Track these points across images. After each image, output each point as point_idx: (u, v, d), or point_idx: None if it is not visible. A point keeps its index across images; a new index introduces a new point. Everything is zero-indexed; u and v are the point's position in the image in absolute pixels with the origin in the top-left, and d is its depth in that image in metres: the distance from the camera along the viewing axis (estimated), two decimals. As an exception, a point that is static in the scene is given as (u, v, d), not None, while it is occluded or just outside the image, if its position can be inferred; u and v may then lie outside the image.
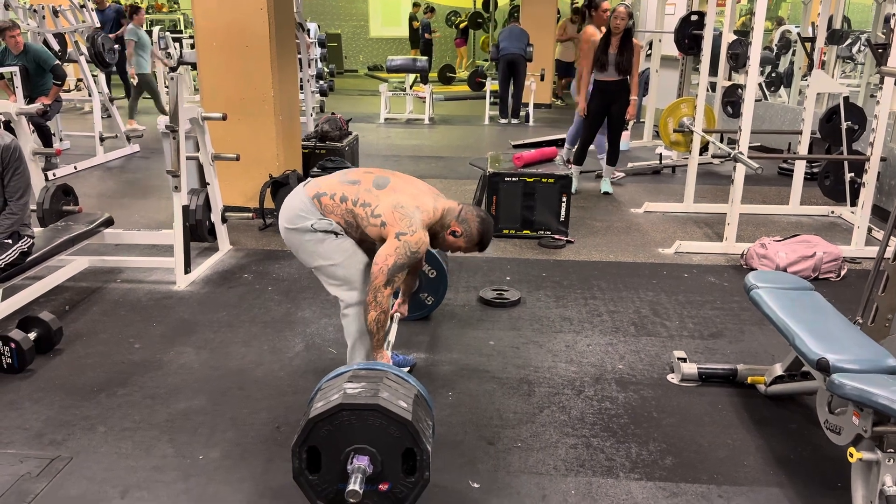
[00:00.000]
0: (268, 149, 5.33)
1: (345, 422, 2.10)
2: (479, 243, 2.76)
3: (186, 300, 3.98)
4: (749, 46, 4.52)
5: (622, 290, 4.19)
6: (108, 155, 7.56)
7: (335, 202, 2.64)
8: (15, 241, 3.25)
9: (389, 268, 2.54)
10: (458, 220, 2.71)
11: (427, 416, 2.24)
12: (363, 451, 2.11)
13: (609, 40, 5.87)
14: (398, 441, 2.10)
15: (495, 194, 5.03)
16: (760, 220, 5.64)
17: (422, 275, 3.54)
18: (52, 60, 6.74)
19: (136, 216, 5.56)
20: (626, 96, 5.96)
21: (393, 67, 10.50)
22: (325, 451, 2.13)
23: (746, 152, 4.57)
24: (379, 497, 2.16)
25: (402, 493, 2.16)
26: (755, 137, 8.15)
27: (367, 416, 2.09)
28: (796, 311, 2.64)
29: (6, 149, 3.17)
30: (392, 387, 2.19)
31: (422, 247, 2.58)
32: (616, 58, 5.84)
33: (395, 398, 2.13)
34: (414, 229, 2.56)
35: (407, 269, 2.64)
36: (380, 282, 2.55)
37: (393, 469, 2.14)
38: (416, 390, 2.26)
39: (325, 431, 2.11)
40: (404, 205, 2.58)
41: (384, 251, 2.56)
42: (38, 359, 3.23)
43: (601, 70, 5.92)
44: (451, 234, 2.72)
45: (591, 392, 3.05)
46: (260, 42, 5.12)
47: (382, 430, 2.10)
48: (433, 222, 2.67)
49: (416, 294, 3.58)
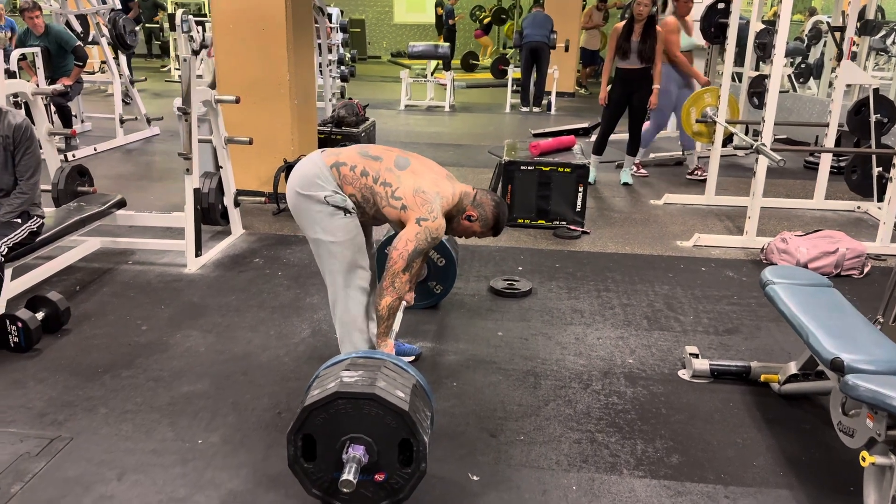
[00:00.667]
0: (283, 133, 5.30)
1: (340, 410, 2.06)
2: (494, 227, 2.72)
3: (196, 283, 3.98)
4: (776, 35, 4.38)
5: (637, 283, 4.11)
6: (127, 137, 7.60)
7: (355, 174, 2.56)
8: (24, 220, 3.26)
9: (410, 253, 2.49)
10: (473, 205, 2.67)
11: (426, 407, 2.20)
12: (359, 440, 2.07)
13: (632, 27, 5.76)
14: (395, 431, 2.06)
15: (510, 183, 4.96)
16: (783, 214, 5.51)
17: (430, 263, 3.49)
18: (74, 41, 6.76)
19: (152, 198, 5.57)
20: (648, 85, 5.86)
21: (414, 53, 10.43)
22: (320, 439, 2.10)
23: (770, 144, 4.45)
24: (375, 487, 2.13)
25: (398, 483, 2.12)
26: (781, 129, 7.97)
27: (363, 405, 2.05)
28: (812, 309, 2.55)
29: (17, 128, 3.17)
30: (390, 376, 2.15)
31: (440, 232, 2.55)
32: (639, 45, 5.73)
33: (392, 388, 2.09)
34: (435, 215, 2.52)
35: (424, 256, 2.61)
36: (399, 267, 2.50)
37: (389, 459, 2.10)
38: (414, 380, 2.21)
39: (321, 420, 2.08)
40: (426, 190, 2.54)
41: (404, 236, 2.51)
42: (46, 338, 3.24)
43: (623, 58, 5.82)
44: (466, 218, 2.67)
45: (599, 386, 2.99)
46: (276, 25, 5.09)
47: (379, 419, 2.06)
48: (450, 208, 2.63)
49: (425, 282, 3.54)
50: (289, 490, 2.29)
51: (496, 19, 15.86)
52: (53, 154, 4.49)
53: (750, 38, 7.00)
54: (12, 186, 3.24)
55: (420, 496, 2.22)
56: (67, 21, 7.50)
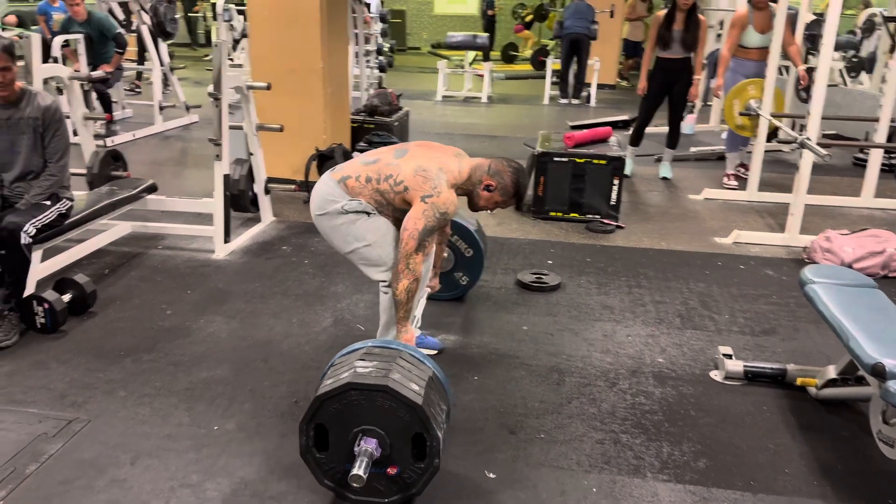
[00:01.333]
0: (315, 121, 5.28)
1: (353, 401, 2.02)
2: (516, 194, 2.65)
3: (223, 269, 3.98)
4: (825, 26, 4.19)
5: (671, 280, 3.98)
6: (166, 124, 7.68)
7: (361, 183, 2.57)
8: (53, 202, 3.27)
9: (420, 231, 2.45)
10: (489, 175, 2.60)
11: (441, 401, 2.13)
12: (371, 432, 2.03)
13: (674, 16, 5.58)
14: (408, 425, 2.01)
15: (543, 175, 4.85)
16: (829, 211, 5.29)
17: (458, 254, 3.42)
18: (115, 29, 6.84)
19: (186, 184, 5.61)
20: (689, 76, 5.70)
21: (452, 44, 10.33)
22: (332, 429, 2.06)
23: (815, 139, 4.27)
24: (387, 481, 2.08)
25: (410, 478, 2.07)
26: (830, 124, 7.68)
27: (375, 396, 2.00)
28: (854, 310, 2.41)
29: (47, 110, 3.18)
30: (405, 367, 2.09)
31: (450, 207, 2.49)
32: (682, 34, 5.55)
33: (406, 380, 2.03)
34: (439, 190, 2.47)
35: (436, 234, 2.55)
36: (410, 248, 2.46)
37: (402, 453, 2.04)
38: (430, 372, 2.15)
39: (333, 410, 2.03)
40: (427, 168, 2.51)
41: (412, 215, 2.47)
42: (72, 320, 3.26)
43: (665, 47, 5.65)
44: (485, 189, 2.61)
45: (626, 385, 2.89)
46: (310, 13, 5.06)
47: (392, 412, 2.00)
48: (460, 182, 2.58)
49: (451, 273, 3.47)
50: (301, 481, 2.25)
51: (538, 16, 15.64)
52: (89, 138, 4.54)
53: (799, 29, 6.76)
54: (42, 168, 3.26)
55: (434, 492, 2.16)
56: (110, 9, 7.59)
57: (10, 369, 2.87)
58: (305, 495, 2.20)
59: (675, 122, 5.95)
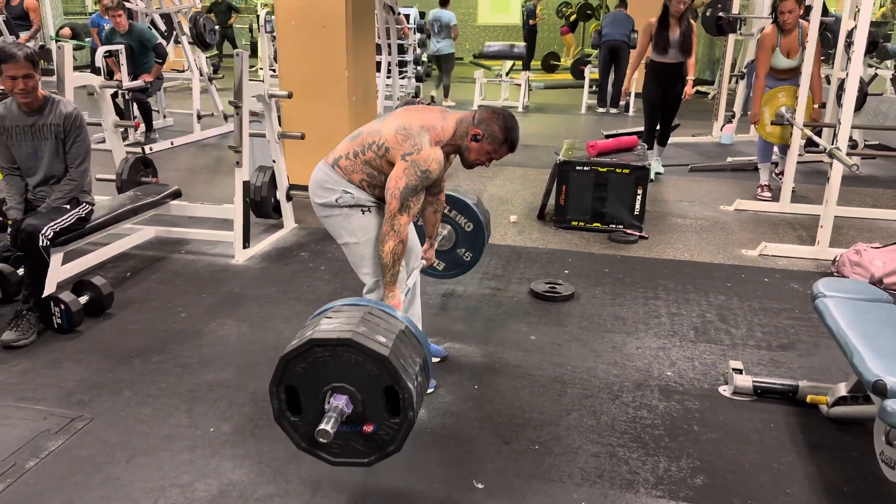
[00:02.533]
0: (340, 129, 5.31)
1: (318, 359, 1.93)
2: (507, 141, 2.50)
3: (241, 274, 4.04)
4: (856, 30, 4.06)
5: (690, 292, 3.88)
6: (204, 132, 7.86)
7: (351, 160, 2.53)
8: (73, 206, 3.38)
9: (401, 191, 2.38)
10: (475, 124, 2.48)
11: (415, 353, 2.02)
12: (341, 389, 1.93)
13: (668, 22, 5.78)
14: (377, 378, 1.91)
15: (565, 184, 4.80)
16: (865, 224, 5.10)
17: (458, 229, 3.28)
18: (155, 39, 7.05)
19: (217, 191, 5.72)
20: (682, 78, 5.90)
21: (490, 53, 10.34)
22: (302, 390, 1.97)
23: (848, 148, 4.13)
24: (364, 440, 1.99)
25: (387, 434, 1.97)
26: (873, 134, 7.43)
27: (340, 352, 1.91)
28: (862, 325, 2.31)
29: (69, 116, 3.29)
30: (372, 322, 1.99)
31: (432, 164, 2.41)
32: (678, 40, 5.76)
33: (372, 332, 1.94)
34: (419, 147, 2.40)
35: (422, 193, 2.48)
36: (394, 208, 2.40)
37: (376, 409, 1.95)
38: (402, 326, 2.05)
39: (301, 370, 1.95)
40: (407, 126, 2.45)
41: (393, 174, 2.41)
42: (88, 321, 3.35)
43: (662, 53, 5.86)
44: (472, 140, 2.49)
45: (629, 398, 2.82)
46: (336, 23, 5.13)
47: (359, 366, 1.91)
48: (446, 138, 2.49)
49: (454, 250, 3.32)
50: (289, 485, 2.27)
51: (582, 15, 15.55)
52: (119, 145, 4.68)
53: (841, 36, 6.56)
54: (63, 173, 3.36)
55: (418, 500, 2.14)
56: (152, 20, 7.83)
57: (24, 367, 2.97)
58: (292, 498, 2.21)
59: (668, 122, 6.18)
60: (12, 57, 3.12)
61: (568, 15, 16.43)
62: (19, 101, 3.25)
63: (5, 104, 3.34)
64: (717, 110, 8.26)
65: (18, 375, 2.90)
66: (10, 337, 3.10)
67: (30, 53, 3.15)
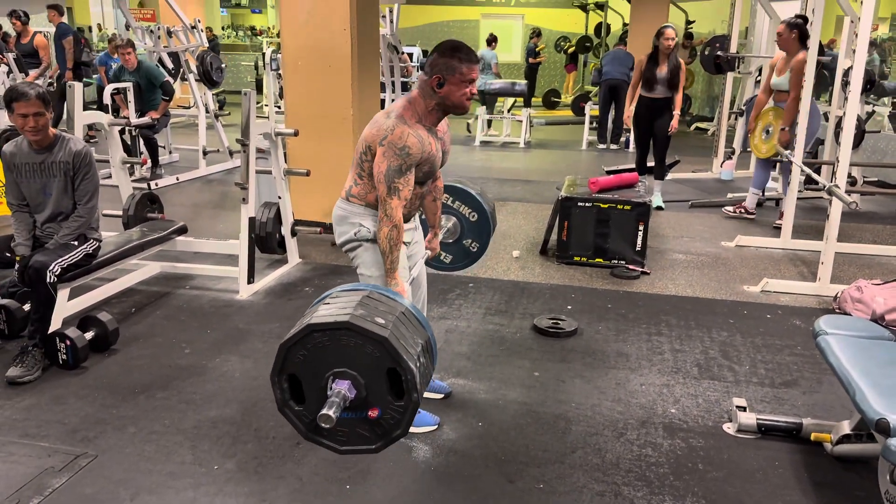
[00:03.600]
0: (345, 166, 5.29)
1: (318, 344, 1.92)
2: (459, 57, 2.41)
3: (245, 309, 4.06)
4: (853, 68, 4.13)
5: (692, 328, 3.89)
6: (210, 168, 7.94)
7: (360, 183, 2.54)
8: (81, 242, 3.41)
9: (384, 174, 2.38)
10: (429, 76, 2.44)
11: (416, 335, 2.01)
12: (343, 374, 1.92)
13: (657, 59, 6.07)
14: (378, 361, 1.89)
15: (567, 220, 4.84)
16: (866, 261, 5.12)
17: (462, 220, 3.28)
18: (162, 77, 7.17)
19: (221, 226, 5.77)
20: (670, 112, 6.14)
21: (492, 90, 10.48)
22: (305, 378, 1.96)
23: (844, 185, 4.17)
24: (370, 425, 1.97)
25: (393, 419, 1.95)
26: (873, 171, 7.50)
27: (339, 336, 1.90)
28: (865, 363, 2.33)
29: (78, 154, 3.35)
30: (370, 304, 1.98)
31: (408, 139, 2.38)
32: (666, 76, 6.03)
33: (371, 315, 1.92)
34: (390, 128, 2.39)
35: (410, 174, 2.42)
36: (382, 192, 2.40)
37: (379, 393, 1.93)
38: (402, 308, 2.04)
39: (301, 357, 1.94)
40: (376, 118, 2.48)
41: (376, 162, 2.41)
42: (94, 357, 3.37)
43: (650, 89, 6.13)
44: (438, 86, 2.43)
45: (634, 436, 2.82)
46: (342, 62, 5.21)
47: (359, 349, 1.89)
48: (421, 110, 2.48)
49: (460, 241, 3.31)
50: (292, 523, 2.26)
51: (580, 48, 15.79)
52: (126, 181, 4.73)
53: (838, 75, 6.66)
54: (71, 210, 3.41)
55: (422, 539, 2.13)
56: (160, 58, 7.97)
57: (29, 403, 2.98)
58: (295, 538, 2.20)
59: (661, 155, 6.38)
60: (24, 95, 3.19)
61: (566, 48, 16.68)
62: (30, 139, 3.31)
63: (16, 142, 3.40)
64: (717, 147, 8.34)
65: (23, 412, 2.91)
66: (16, 373, 3.12)
67: (41, 92, 3.22)
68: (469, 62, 2.43)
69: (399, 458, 2.63)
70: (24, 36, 8.43)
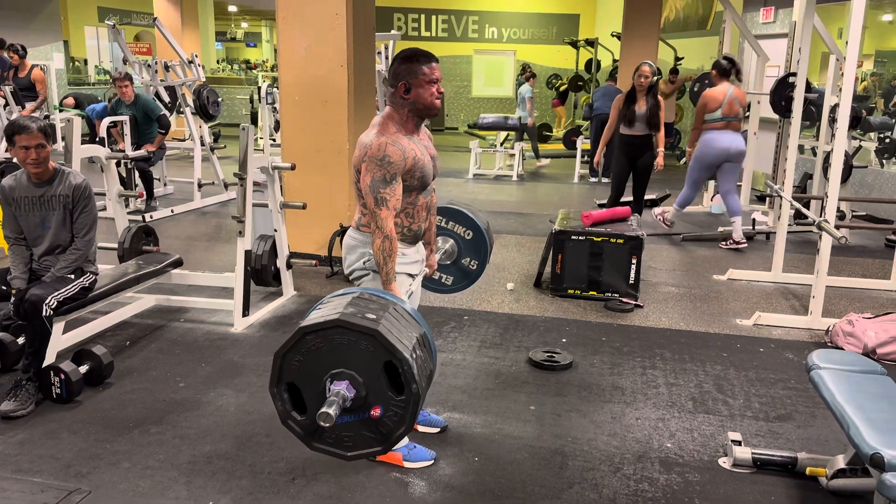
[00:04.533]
0: (340, 199, 5.44)
1: (312, 348, 1.91)
2: (418, 61, 2.46)
3: (240, 342, 4.05)
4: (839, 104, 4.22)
5: (686, 362, 3.91)
6: (204, 200, 7.97)
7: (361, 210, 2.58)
8: (77, 276, 3.42)
9: (369, 185, 2.40)
10: (394, 85, 2.47)
11: (410, 328, 2.01)
12: (340, 375, 1.91)
13: (635, 97, 6.14)
14: (373, 356, 1.88)
15: (561, 252, 4.88)
16: (856, 294, 5.18)
17: (459, 239, 3.28)
18: (159, 111, 7.23)
19: (216, 258, 5.78)
20: (651, 149, 6.23)
21: (485, 125, 10.59)
22: (303, 385, 1.95)
23: (835, 220, 4.24)
24: (374, 425, 1.95)
25: (395, 415, 1.93)
26: (862, 206, 7.60)
27: (332, 335, 1.89)
28: (858, 397, 2.35)
29: (77, 188, 3.37)
30: (361, 303, 1.99)
31: (386, 148, 2.40)
32: (645, 114, 6.09)
33: (361, 311, 1.93)
34: (368, 144, 2.42)
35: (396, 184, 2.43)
36: (370, 203, 2.41)
37: (379, 390, 1.91)
38: (392, 304, 2.04)
39: (296, 363, 1.93)
40: (358, 141, 2.51)
41: (361, 177, 2.45)
42: (88, 391, 3.35)
43: (629, 125, 6.18)
44: (405, 92, 2.46)
45: (630, 471, 2.82)
46: (338, 97, 5.29)
47: (353, 347, 1.89)
48: (396, 118, 2.50)
49: (458, 261, 3.31)
50: (289, 560, 2.24)
51: (573, 86, 15.99)
52: (122, 213, 4.75)
53: (825, 111, 6.79)
54: (69, 243, 3.42)
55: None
56: (157, 92, 8.04)
57: (22, 438, 2.95)
58: (291, 575, 2.18)
59: (640, 192, 6.46)
60: (26, 128, 3.22)
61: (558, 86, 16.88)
62: (31, 172, 3.33)
63: (15, 176, 3.43)
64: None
65: (16, 446, 2.88)
66: (9, 407, 3.10)
67: (43, 125, 3.26)
68: (428, 62, 2.49)
69: (396, 494, 2.62)
70: (22, 69, 8.50)
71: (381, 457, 2.76)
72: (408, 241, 2.65)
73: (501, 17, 18.41)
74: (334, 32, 5.18)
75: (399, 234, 2.58)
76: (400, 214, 2.56)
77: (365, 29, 5.49)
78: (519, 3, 18.26)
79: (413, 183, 2.52)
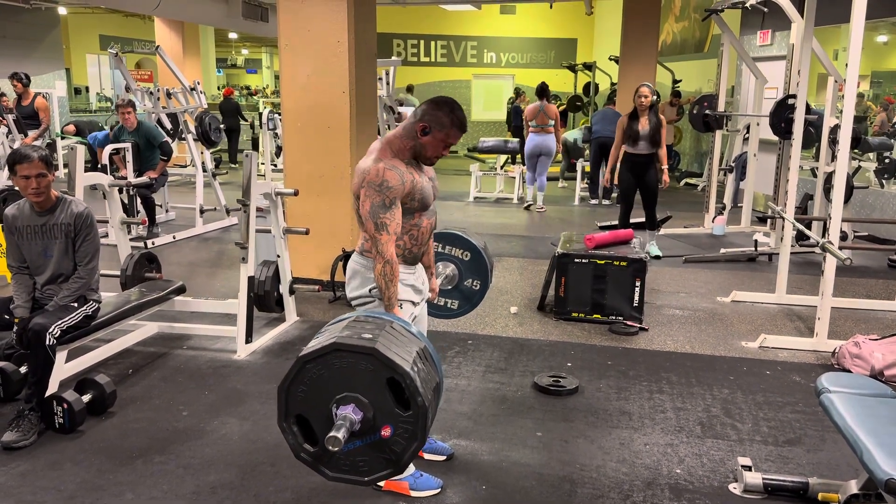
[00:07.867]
0: (343, 224, 5.44)
1: (314, 375, 1.92)
2: (454, 122, 2.49)
3: (243, 370, 4.03)
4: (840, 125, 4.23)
5: (693, 386, 3.88)
6: (206, 226, 7.97)
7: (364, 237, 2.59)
8: (80, 304, 3.41)
9: (368, 211, 2.41)
10: (419, 120, 2.50)
11: (409, 344, 2.01)
12: (344, 399, 1.91)
13: (637, 117, 6.31)
14: (375, 375, 1.89)
15: (564, 276, 4.87)
16: (861, 315, 5.16)
17: (458, 262, 3.28)
18: (161, 137, 7.27)
19: (218, 285, 5.77)
20: (655, 167, 6.38)
21: (484, 148, 10.65)
22: (311, 415, 1.94)
23: (839, 241, 4.23)
24: (386, 446, 1.94)
25: (406, 432, 1.92)
26: (864, 227, 7.61)
27: (331, 360, 1.90)
28: (871, 422, 2.32)
29: (79, 216, 3.37)
30: (356, 326, 2.00)
31: (384, 174, 2.40)
32: (648, 132, 6.25)
33: (358, 333, 1.93)
34: (367, 170, 2.43)
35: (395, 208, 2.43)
36: (370, 229, 2.42)
37: (385, 408, 1.91)
38: (390, 322, 2.05)
39: (301, 393, 1.94)
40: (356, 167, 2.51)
41: (360, 203, 2.46)
42: (90, 420, 3.32)
43: (633, 145, 6.36)
44: (422, 133, 2.49)
45: (640, 498, 2.78)
46: (341, 123, 5.31)
47: (353, 369, 1.89)
48: (396, 146, 2.51)
49: (461, 284, 3.31)
50: (295, 593, 2.20)
51: (571, 106, 16.07)
52: (125, 241, 4.75)
53: (824, 132, 6.82)
54: (72, 271, 3.41)
55: None
56: (159, 119, 8.08)
57: (24, 469, 2.92)
58: None
59: (650, 208, 6.56)
60: (27, 158, 3.23)
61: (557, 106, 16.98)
62: (32, 201, 3.33)
63: (18, 205, 3.43)
64: (708, 202, 8.46)
65: (18, 478, 2.85)
66: (11, 438, 3.07)
67: (44, 155, 3.27)
68: (458, 129, 2.51)
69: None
70: (25, 98, 8.55)
71: (387, 486, 2.73)
72: (408, 262, 2.64)
73: (499, 41, 18.60)
74: (336, 59, 5.22)
75: (400, 258, 2.57)
76: (404, 237, 2.56)
77: (367, 55, 5.53)
78: (516, 29, 18.45)
79: (414, 205, 2.53)
